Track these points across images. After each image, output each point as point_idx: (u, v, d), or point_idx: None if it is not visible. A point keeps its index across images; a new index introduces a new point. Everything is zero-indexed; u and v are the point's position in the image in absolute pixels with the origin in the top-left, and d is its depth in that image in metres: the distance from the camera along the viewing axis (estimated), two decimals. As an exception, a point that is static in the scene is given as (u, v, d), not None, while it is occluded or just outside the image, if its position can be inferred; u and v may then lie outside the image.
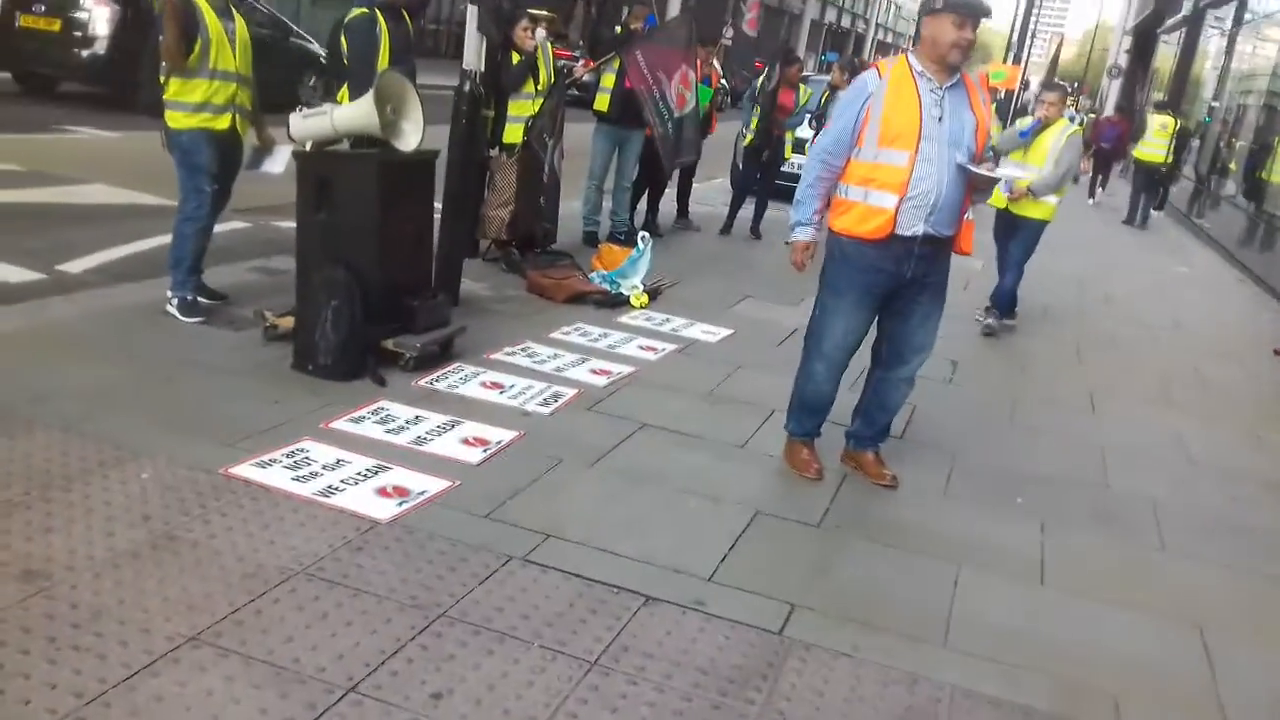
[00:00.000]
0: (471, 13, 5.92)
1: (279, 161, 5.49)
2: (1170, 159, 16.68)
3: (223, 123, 5.22)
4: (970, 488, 4.50)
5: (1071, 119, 7.17)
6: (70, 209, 7.41)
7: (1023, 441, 5.26)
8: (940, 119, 3.90)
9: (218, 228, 7.13)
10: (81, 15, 11.42)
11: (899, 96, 3.91)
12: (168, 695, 2.49)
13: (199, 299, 5.36)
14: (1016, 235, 7.39)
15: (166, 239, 6.37)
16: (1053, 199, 7.22)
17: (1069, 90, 7.94)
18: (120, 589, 2.89)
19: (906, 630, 3.27)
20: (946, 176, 3.91)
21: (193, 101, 5.11)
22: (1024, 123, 7.40)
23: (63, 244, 6.38)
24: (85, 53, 11.45)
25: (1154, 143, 16.46)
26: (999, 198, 7.14)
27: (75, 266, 6.11)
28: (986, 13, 3.93)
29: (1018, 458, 4.97)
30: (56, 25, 11.33)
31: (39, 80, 12.30)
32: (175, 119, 5.13)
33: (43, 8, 11.32)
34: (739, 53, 10.22)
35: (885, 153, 3.92)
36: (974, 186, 4.07)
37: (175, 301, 5.24)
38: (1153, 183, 16.84)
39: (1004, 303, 7.58)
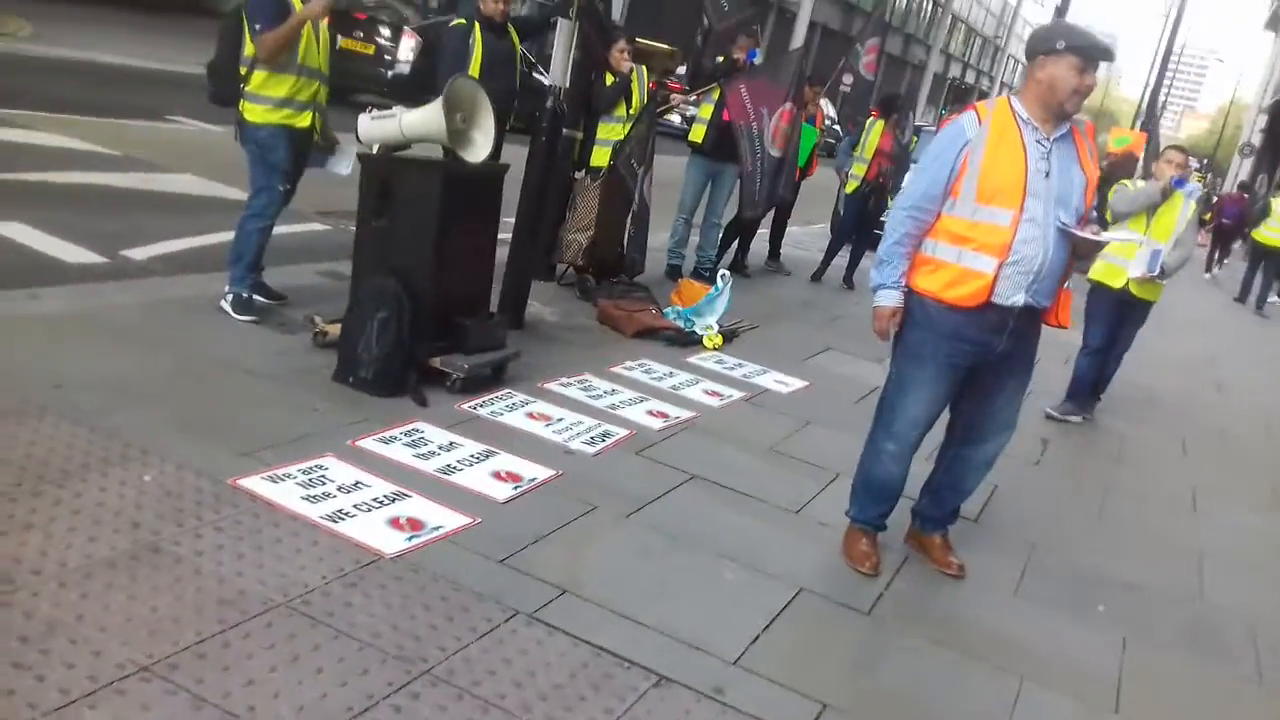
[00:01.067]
0: (562, 26, 5.68)
1: (345, 163, 5.33)
2: None
3: (304, 120, 5.07)
4: (1046, 587, 4.05)
5: (1189, 194, 6.39)
6: (151, 196, 7.38)
7: (1111, 539, 4.77)
8: (1047, 174, 3.44)
9: (295, 228, 7.10)
10: (390, 43, 14.01)
11: (1001, 146, 3.45)
12: (98, 734, 2.23)
13: (255, 297, 5.19)
14: (1132, 320, 6.61)
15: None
16: (1165, 280, 6.47)
17: (1192, 161, 7.17)
18: (83, 602, 2.65)
19: (952, 750, 2.86)
20: (1053, 241, 3.46)
21: (277, 96, 4.96)
22: (1140, 184, 6.60)
23: (133, 230, 6.30)
24: (390, 72, 13.89)
25: (1276, 226, 15.84)
26: (1111, 274, 6.38)
27: (139, 253, 6.01)
28: (1112, 57, 3.48)
29: (1104, 557, 4.49)
30: (371, 49, 13.97)
31: (340, 92, 13.56)
32: (255, 113, 4.98)
33: (360, 34, 13.90)
34: (857, 98, 9.88)
35: (984, 210, 3.45)
36: (1078, 253, 3.60)
37: (230, 298, 5.08)
38: (1271, 267, 16.17)
39: (1084, 390, 6.69)
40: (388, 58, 13.97)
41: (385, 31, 14.16)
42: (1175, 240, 6.25)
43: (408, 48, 13.96)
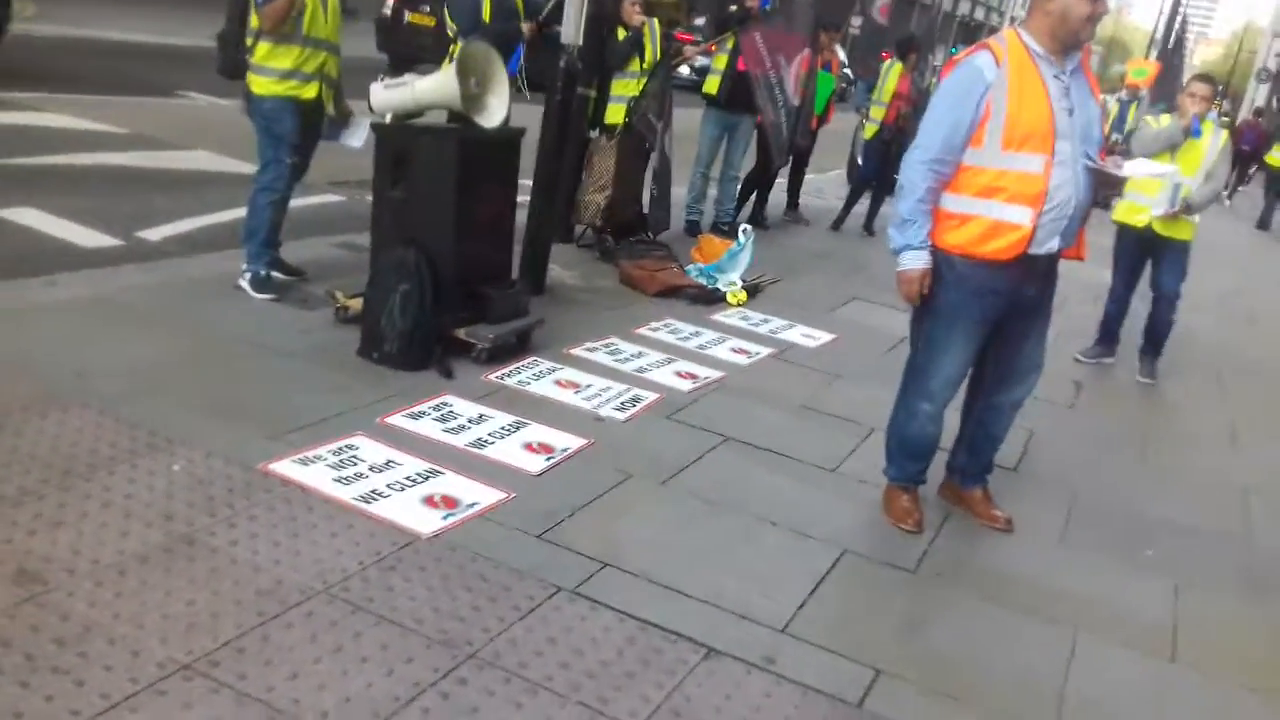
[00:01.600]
0: (572, -19, 5.54)
1: (358, 135, 5.23)
2: None
3: (310, 91, 4.95)
4: (1092, 534, 3.97)
5: (1219, 123, 6.12)
6: (163, 174, 7.30)
7: (1155, 481, 4.68)
8: (1071, 112, 3.29)
9: (309, 200, 7.01)
10: None
11: (1023, 87, 3.26)
12: (143, 736, 2.18)
13: (273, 274, 5.11)
14: (1164, 262, 6.19)
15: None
16: (1195, 216, 6.11)
17: (1219, 86, 6.84)
18: (119, 600, 2.60)
19: (1012, 709, 2.81)
20: (1082, 181, 3.33)
21: (282, 68, 4.86)
22: (1164, 119, 6.15)
23: (147, 210, 6.23)
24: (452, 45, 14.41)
25: None
26: (1133, 212, 6.05)
27: (155, 234, 5.95)
28: None
29: (1148, 500, 4.40)
30: (432, 21, 13.82)
31: (407, 65, 13.98)
32: (260, 84, 4.88)
33: (426, 7, 14.28)
34: (867, 41, 9.63)
35: (1014, 157, 3.27)
36: (1104, 186, 3.50)
37: (248, 276, 5.01)
38: None
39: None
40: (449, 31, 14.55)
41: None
42: (1205, 173, 5.93)
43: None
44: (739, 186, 8.53)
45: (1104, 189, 3.52)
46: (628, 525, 3.42)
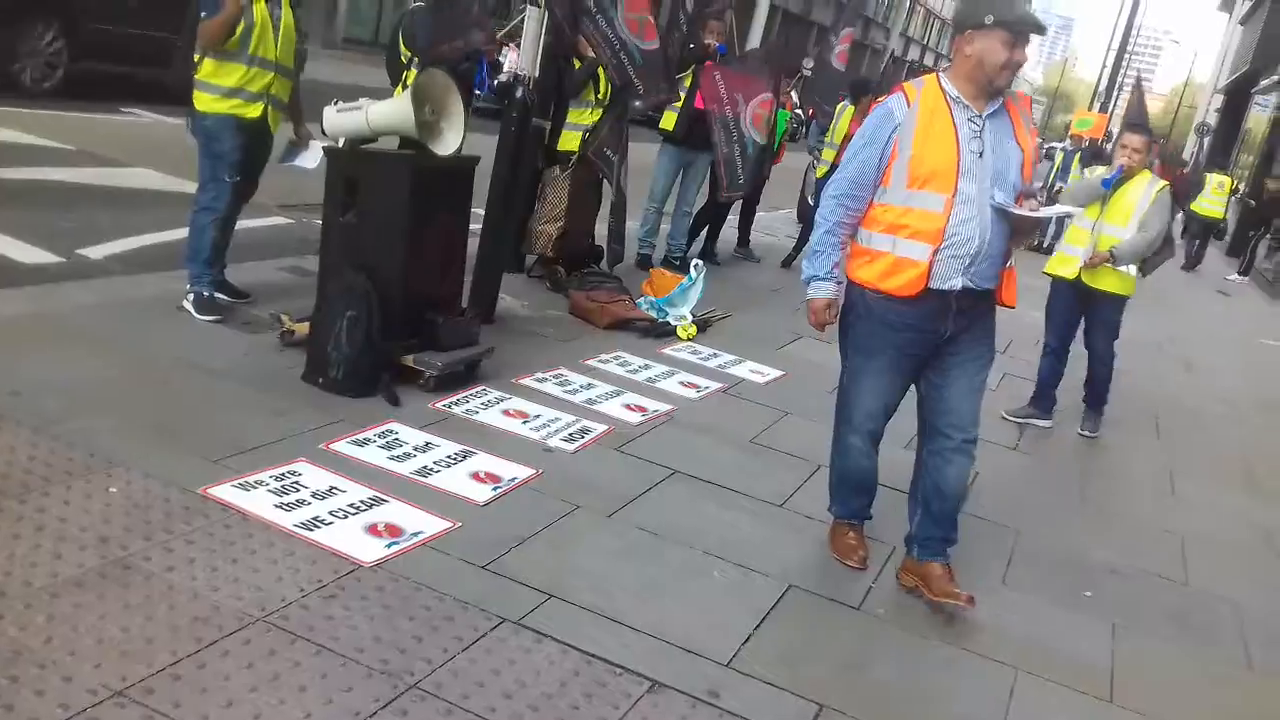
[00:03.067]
0: (531, 13, 5.57)
1: (312, 157, 5.21)
2: (1225, 215, 18.79)
3: (253, 111, 4.91)
4: (1034, 575, 4.01)
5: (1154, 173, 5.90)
6: (107, 191, 7.19)
7: (1095, 524, 4.75)
8: (981, 154, 3.29)
9: (256, 222, 6.93)
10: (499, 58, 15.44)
11: (932, 128, 3.29)
12: (72, 766, 2.12)
13: (217, 296, 5.04)
14: (1095, 316, 5.98)
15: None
16: (1132, 269, 5.86)
17: (1154, 137, 6.34)
18: (51, 624, 2.53)
19: (951, 748, 2.81)
20: (990, 221, 3.31)
21: (225, 86, 4.82)
22: (1099, 171, 6.11)
23: (90, 227, 6.11)
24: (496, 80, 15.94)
25: (1212, 199, 18.00)
26: (1063, 264, 5.87)
27: (97, 252, 5.84)
28: (1042, 30, 3.34)
29: (1088, 543, 4.46)
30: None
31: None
32: (203, 101, 4.85)
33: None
34: (823, 84, 9.69)
35: (917, 195, 3.31)
36: (1018, 230, 3.44)
37: (191, 297, 4.94)
38: (1206, 235, 18.65)
39: (1043, 393, 6.12)
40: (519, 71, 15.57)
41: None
42: (1138, 224, 5.69)
43: (511, 59, 14.73)
44: (691, 222, 8.58)
45: (1020, 233, 3.47)
46: (574, 557, 3.40)
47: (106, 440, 3.50)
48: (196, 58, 4.81)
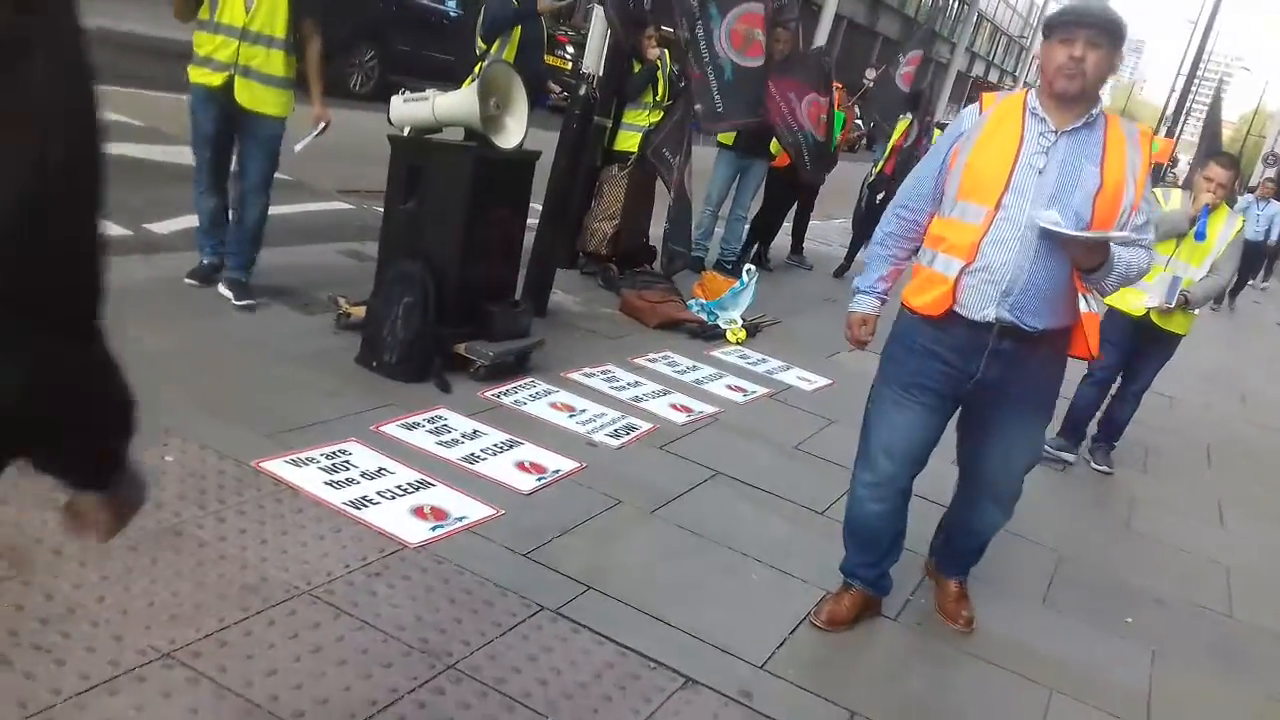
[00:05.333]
0: (598, 13, 5.62)
1: (301, 141, 5.01)
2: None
3: (216, 80, 4.70)
4: (1075, 597, 3.98)
5: (1240, 210, 5.34)
6: (175, 169, 7.28)
7: (1139, 550, 4.70)
8: (1042, 170, 2.89)
9: (316, 206, 7.06)
10: (579, 61, 16.22)
11: (995, 137, 2.97)
12: (119, 721, 2.18)
13: (208, 264, 5.03)
14: (1151, 352, 5.63)
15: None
16: (1195, 310, 5.49)
17: (1239, 170, 5.84)
18: (104, 585, 2.60)
19: (982, 763, 2.81)
20: (1035, 244, 2.88)
21: (200, 54, 4.72)
22: (1175, 201, 5.48)
23: (157, 203, 6.23)
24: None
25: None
26: (1127, 297, 5.20)
27: (163, 227, 5.97)
28: (1096, 19, 2.84)
29: (1132, 568, 4.42)
30: (568, 65, 16.17)
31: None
32: (189, 71, 4.81)
33: (561, 53, 16.48)
34: (885, 102, 9.57)
35: (962, 206, 2.97)
36: (1079, 265, 2.90)
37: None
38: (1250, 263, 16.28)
39: (1077, 423, 5.79)
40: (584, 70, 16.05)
41: (572, 50, 16.86)
42: (1210, 265, 5.34)
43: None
44: (746, 227, 8.59)
45: (1082, 260, 2.89)
46: (614, 551, 3.43)
47: (164, 411, 3.58)
48: None
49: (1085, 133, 2.92)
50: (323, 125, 5.03)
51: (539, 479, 3.81)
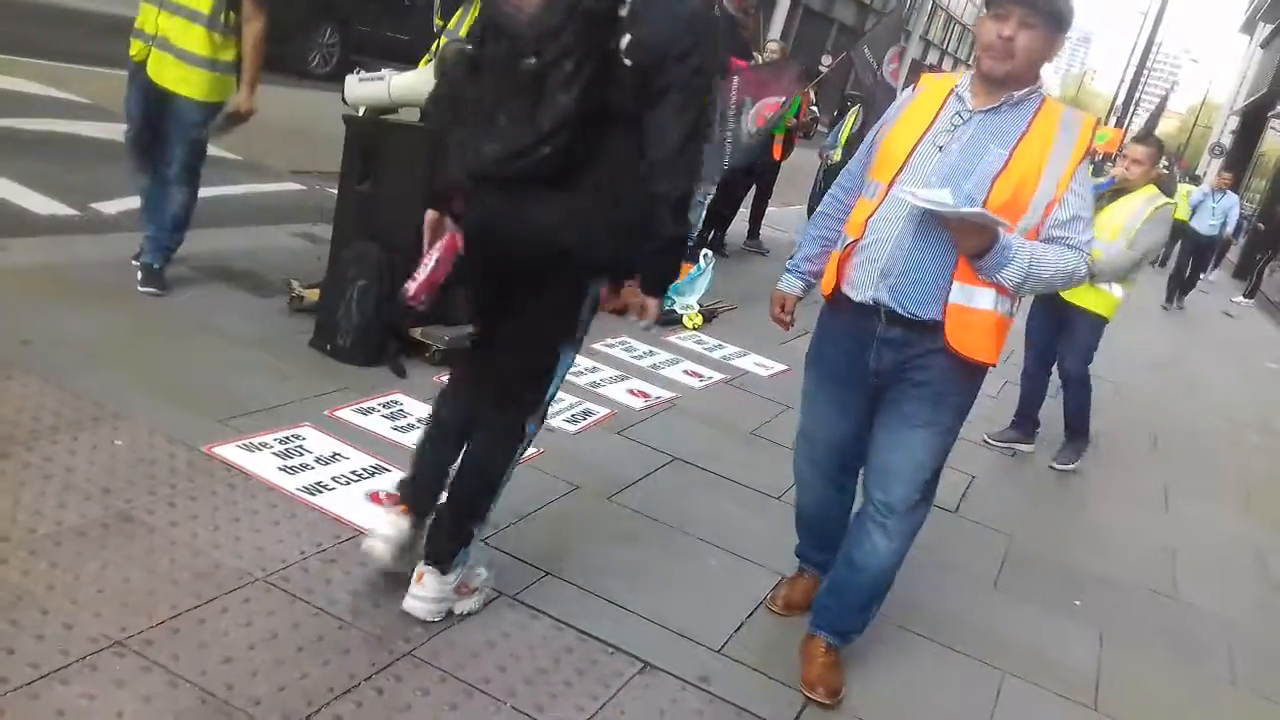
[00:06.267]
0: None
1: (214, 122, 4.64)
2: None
3: (134, 50, 4.48)
4: (1025, 581, 4.04)
5: (1197, 201, 5.21)
6: (121, 147, 7.17)
7: (1087, 534, 4.78)
8: (943, 148, 2.68)
9: (268, 187, 6.96)
10: None
11: (913, 115, 2.80)
12: (71, 711, 2.14)
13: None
14: (1069, 337, 5.51)
15: (217, 190, 6.15)
16: (1117, 290, 5.38)
17: (1165, 152, 5.86)
18: (53, 572, 2.55)
19: (935, 745, 2.84)
20: (911, 221, 2.65)
21: (135, 26, 4.50)
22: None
23: (104, 182, 6.10)
24: None
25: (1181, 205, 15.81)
26: None
27: (110, 207, 5.85)
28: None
29: (1080, 553, 4.49)
30: None
31: None
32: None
33: None
34: (881, 106, 9.48)
35: (868, 183, 2.83)
36: (960, 248, 2.61)
37: None
38: (1201, 255, 15.34)
39: (1025, 414, 5.79)
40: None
41: None
42: (1126, 240, 5.16)
43: None
44: (703, 213, 8.58)
45: (962, 242, 2.59)
46: (571, 536, 3.43)
47: (114, 393, 3.52)
48: None
49: (1006, 113, 2.69)
50: (233, 112, 4.60)
51: (496, 464, 3.78)
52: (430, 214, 2.86)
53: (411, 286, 2.78)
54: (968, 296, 2.65)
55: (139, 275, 4.61)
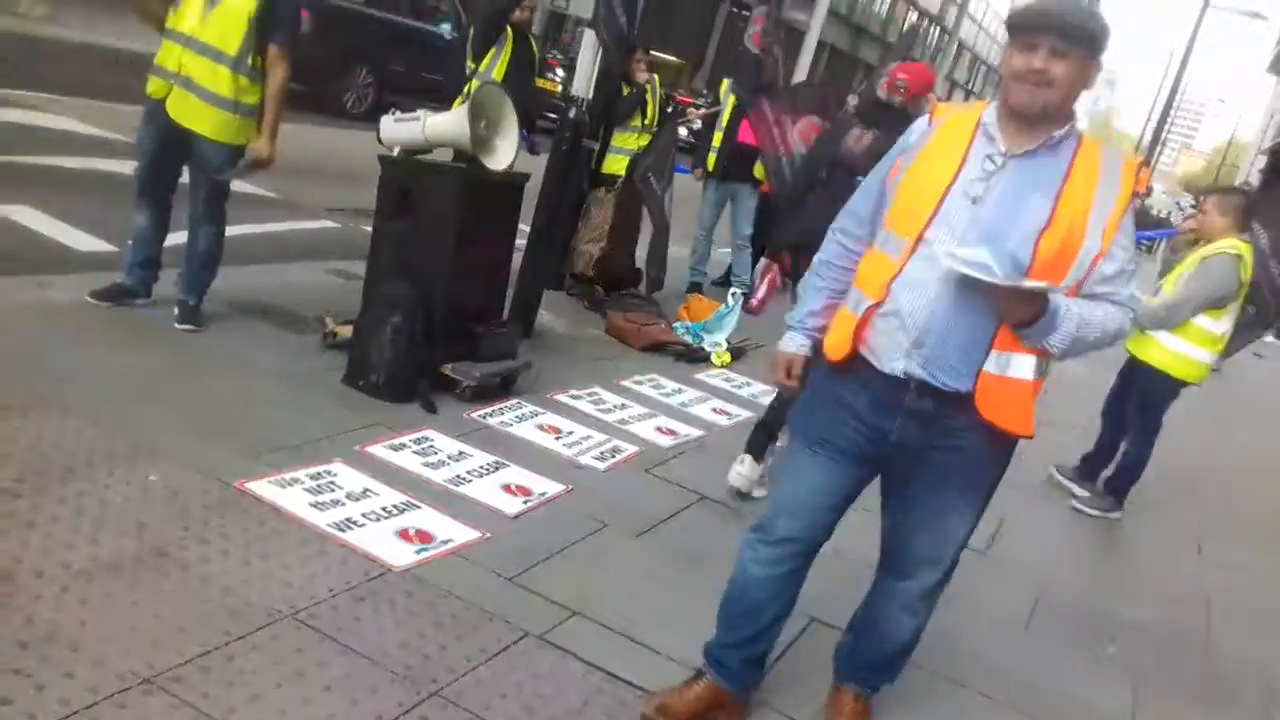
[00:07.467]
0: (586, 38, 5.64)
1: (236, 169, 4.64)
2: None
3: (153, 88, 4.46)
4: (1057, 626, 3.99)
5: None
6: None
7: (1120, 579, 4.72)
8: (977, 200, 2.38)
9: (303, 225, 7.04)
10: (568, 84, 17.02)
11: (935, 156, 2.46)
12: (100, 747, 2.15)
13: (121, 284, 4.72)
14: (1132, 392, 5.47)
15: (249, 228, 6.24)
16: (1202, 354, 5.15)
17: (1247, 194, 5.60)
18: (85, 608, 2.57)
19: (967, 794, 2.80)
20: (951, 287, 2.37)
21: (155, 64, 4.48)
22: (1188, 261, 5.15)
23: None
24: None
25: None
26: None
27: (149, 244, 5.92)
28: (1060, 22, 2.31)
29: (1113, 598, 4.43)
30: (557, 88, 16.15)
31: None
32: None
33: (551, 76, 16.38)
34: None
35: (885, 236, 2.50)
36: (1006, 318, 2.36)
37: None
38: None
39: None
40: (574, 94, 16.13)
41: (562, 73, 17.28)
42: (1173, 293, 5.06)
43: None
44: (750, 251, 8.52)
45: (1009, 313, 2.35)
46: (600, 575, 3.42)
47: (148, 429, 3.56)
48: None
49: (1044, 157, 2.40)
50: (251, 161, 4.57)
51: (525, 501, 3.79)
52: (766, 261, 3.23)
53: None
54: (1004, 365, 2.42)
55: (176, 312, 4.66)
